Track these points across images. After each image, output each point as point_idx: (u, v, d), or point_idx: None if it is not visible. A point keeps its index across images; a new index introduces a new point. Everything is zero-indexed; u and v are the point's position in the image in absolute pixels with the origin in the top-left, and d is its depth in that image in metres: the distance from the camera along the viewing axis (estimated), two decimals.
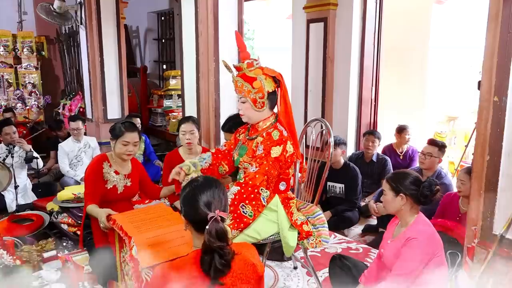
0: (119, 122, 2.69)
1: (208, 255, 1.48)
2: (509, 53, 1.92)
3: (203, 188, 1.57)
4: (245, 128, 2.41)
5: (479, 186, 2.08)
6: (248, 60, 2.21)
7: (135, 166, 2.78)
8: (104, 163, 2.62)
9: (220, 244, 1.48)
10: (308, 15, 4.78)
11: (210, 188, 1.57)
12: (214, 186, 1.59)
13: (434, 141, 3.65)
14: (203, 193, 1.55)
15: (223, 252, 1.49)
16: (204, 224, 1.50)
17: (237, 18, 3.65)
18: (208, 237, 1.47)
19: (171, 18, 7.54)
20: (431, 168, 3.55)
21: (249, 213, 2.10)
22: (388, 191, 2.06)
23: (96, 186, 2.55)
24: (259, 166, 2.13)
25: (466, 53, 7.85)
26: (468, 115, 5.83)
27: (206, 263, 1.48)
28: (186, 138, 3.11)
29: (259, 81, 2.16)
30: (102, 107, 5.59)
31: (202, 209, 1.52)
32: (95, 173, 2.57)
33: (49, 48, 7.79)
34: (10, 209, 4.02)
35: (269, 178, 2.15)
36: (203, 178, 1.66)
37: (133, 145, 2.60)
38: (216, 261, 1.47)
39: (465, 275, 2.11)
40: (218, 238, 1.48)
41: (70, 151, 4.65)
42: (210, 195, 1.55)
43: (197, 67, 3.66)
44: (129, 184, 2.69)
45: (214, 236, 1.47)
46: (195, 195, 1.55)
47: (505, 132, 1.96)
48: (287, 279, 2.92)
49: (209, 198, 1.54)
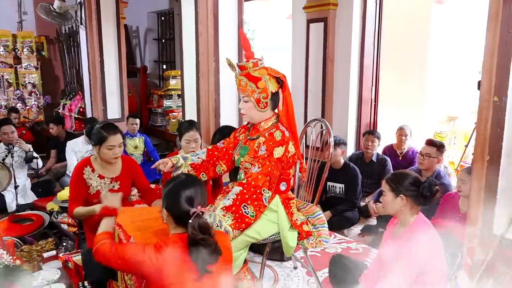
0: (97, 126, 2.55)
1: (194, 246, 1.60)
2: (509, 53, 1.92)
3: (186, 184, 1.68)
4: (246, 128, 2.41)
5: (479, 186, 2.08)
6: (253, 59, 2.21)
7: (127, 167, 2.67)
8: (85, 169, 2.53)
9: (203, 236, 1.59)
10: (308, 15, 4.78)
11: (192, 185, 1.68)
12: (196, 183, 1.71)
13: (432, 141, 3.63)
14: (186, 189, 1.65)
15: (206, 243, 1.60)
16: (185, 218, 1.62)
17: (237, 18, 3.65)
18: (192, 230, 1.58)
19: (171, 18, 7.54)
20: (430, 168, 3.54)
21: (250, 214, 2.10)
22: (388, 192, 2.05)
23: (78, 192, 2.52)
24: (261, 167, 2.13)
25: (466, 53, 7.85)
26: (468, 115, 5.84)
27: (193, 254, 1.60)
28: (191, 147, 2.97)
29: (263, 81, 2.16)
30: (102, 107, 5.59)
31: (185, 204, 1.63)
32: (76, 179, 2.52)
33: (49, 48, 7.79)
34: (10, 209, 4.02)
35: (271, 179, 2.15)
36: (186, 175, 1.80)
37: (119, 147, 2.50)
38: (202, 252, 1.59)
39: (465, 275, 2.11)
40: (201, 232, 1.59)
41: (78, 151, 4.60)
42: (193, 192, 1.66)
43: (197, 67, 3.66)
44: (116, 187, 2.58)
45: (197, 230, 1.59)
46: (178, 190, 1.66)
47: (505, 132, 1.96)
48: (287, 279, 2.92)
49: (192, 194, 1.65)
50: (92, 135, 2.53)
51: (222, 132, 2.94)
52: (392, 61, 4.93)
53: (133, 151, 4.99)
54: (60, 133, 5.41)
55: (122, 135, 2.56)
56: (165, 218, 1.72)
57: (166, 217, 1.71)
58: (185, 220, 1.61)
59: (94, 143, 2.52)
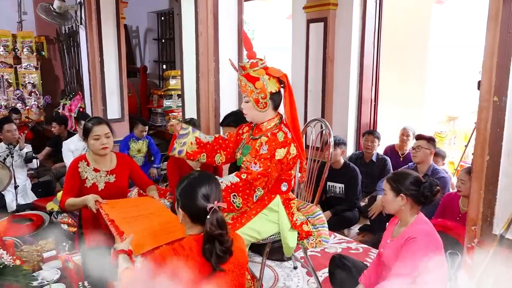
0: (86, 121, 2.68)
1: (210, 243, 1.57)
2: (509, 53, 1.92)
3: (201, 181, 1.65)
4: (249, 127, 2.41)
5: (479, 186, 2.08)
6: (252, 60, 2.22)
7: (122, 162, 2.75)
8: (80, 163, 2.62)
9: (221, 231, 1.57)
10: (308, 15, 4.78)
11: (207, 181, 1.66)
12: (210, 179, 1.68)
13: (421, 135, 3.71)
14: (201, 185, 1.63)
15: (223, 239, 1.58)
16: (201, 215, 1.59)
17: (237, 18, 3.65)
18: (210, 226, 1.56)
19: (171, 18, 7.54)
20: (425, 160, 3.55)
21: (237, 204, 2.12)
22: (389, 191, 2.06)
23: (72, 185, 2.57)
24: (262, 167, 2.13)
25: (466, 53, 7.84)
26: (468, 115, 5.84)
27: (208, 251, 1.57)
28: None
29: (261, 82, 2.17)
30: (102, 107, 5.58)
31: (201, 200, 1.61)
32: (70, 172, 2.59)
33: (49, 48, 7.79)
34: (10, 209, 4.02)
35: (269, 179, 2.16)
36: (200, 172, 1.77)
37: (106, 137, 2.58)
38: (217, 249, 1.57)
39: (465, 275, 2.11)
40: (219, 227, 1.57)
41: (75, 149, 4.60)
42: (208, 187, 1.63)
43: (197, 67, 3.65)
44: (112, 180, 2.66)
45: (216, 225, 1.57)
46: (194, 187, 1.64)
47: (505, 132, 1.96)
48: (287, 279, 2.92)
49: (207, 190, 1.63)
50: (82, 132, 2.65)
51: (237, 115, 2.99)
52: (392, 61, 4.93)
53: (136, 153, 4.96)
54: (62, 133, 5.41)
55: (109, 127, 2.63)
56: (180, 219, 1.69)
57: (182, 217, 1.68)
58: (202, 217, 1.59)
59: (84, 138, 2.65)
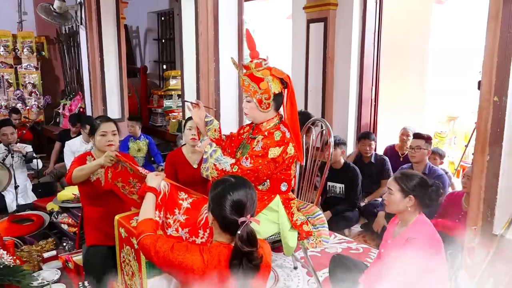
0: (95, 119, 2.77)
1: (238, 259, 1.48)
2: (509, 53, 1.92)
3: (235, 188, 1.53)
4: (250, 127, 2.42)
5: (479, 186, 2.08)
6: (256, 60, 2.21)
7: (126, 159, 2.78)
8: (88, 157, 2.65)
9: (251, 249, 1.48)
10: (308, 15, 4.78)
11: (242, 190, 1.54)
12: (246, 187, 1.56)
13: (420, 134, 3.70)
14: (234, 194, 1.52)
15: (252, 257, 1.49)
16: (231, 226, 1.50)
17: (237, 18, 3.64)
18: (240, 243, 1.47)
19: (171, 18, 7.54)
20: (422, 160, 3.56)
21: None
22: (397, 191, 2.04)
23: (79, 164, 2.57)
24: (253, 163, 2.12)
25: (466, 53, 7.84)
26: (468, 115, 5.83)
27: (235, 267, 1.48)
28: (192, 134, 2.96)
29: (266, 82, 2.16)
30: (102, 107, 5.58)
31: (232, 211, 1.50)
32: (78, 161, 2.60)
33: (49, 48, 7.79)
34: (10, 209, 4.02)
35: (259, 175, 2.16)
36: (236, 178, 1.62)
37: (112, 135, 2.61)
38: (245, 265, 1.47)
39: (465, 275, 2.11)
40: (250, 243, 1.48)
41: (76, 151, 4.59)
42: (243, 197, 1.52)
43: (197, 67, 3.65)
44: None
45: (246, 241, 1.47)
46: (226, 195, 1.52)
47: (505, 132, 1.96)
48: (287, 279, 2.92)
49: (241, 200, 1.52)
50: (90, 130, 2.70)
51: None
52: (392, 61, 4.93)
53: (136, 153, 4.95)
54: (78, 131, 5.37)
55: (116, 126, 2.68)
56: (210, 222, 1.60)
57: (211, 221, 1.59)
58: (232, 227, 1.51)
59: (91, 134, 2.68)
